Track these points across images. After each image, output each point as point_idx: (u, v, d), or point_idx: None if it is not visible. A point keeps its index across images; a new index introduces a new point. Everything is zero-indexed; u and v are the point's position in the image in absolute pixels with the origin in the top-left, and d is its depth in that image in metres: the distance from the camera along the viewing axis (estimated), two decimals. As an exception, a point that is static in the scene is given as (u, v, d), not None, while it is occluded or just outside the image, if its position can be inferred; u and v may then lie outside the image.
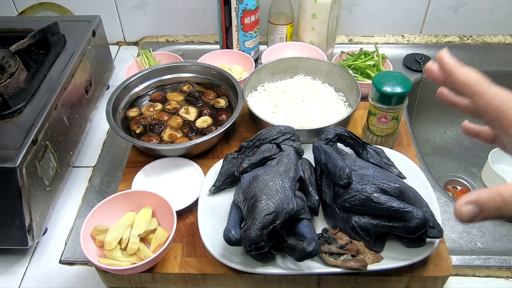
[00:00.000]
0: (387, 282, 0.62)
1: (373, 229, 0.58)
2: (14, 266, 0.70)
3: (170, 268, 0.63)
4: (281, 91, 0.90)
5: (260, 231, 0.53)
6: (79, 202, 0.79)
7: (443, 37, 1.16)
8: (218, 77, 0.90)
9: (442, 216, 0.66)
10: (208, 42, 1.18)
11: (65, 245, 0.73)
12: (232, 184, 0.69)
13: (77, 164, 0.86)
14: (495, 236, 0.72)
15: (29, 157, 0.66)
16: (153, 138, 0.79)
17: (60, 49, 0.87)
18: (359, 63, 0.98)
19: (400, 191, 0.59)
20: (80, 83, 0.87)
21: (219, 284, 0.64)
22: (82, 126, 0.87)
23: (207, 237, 0.61)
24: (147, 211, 0.66)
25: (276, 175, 0.60)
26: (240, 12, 0.97)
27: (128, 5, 1.14)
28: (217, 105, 0.87)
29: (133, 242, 0.62)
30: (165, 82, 0.92)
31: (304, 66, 0.93)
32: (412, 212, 0.55)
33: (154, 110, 0.86)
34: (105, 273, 0.64)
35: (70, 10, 1.14)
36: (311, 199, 0.61)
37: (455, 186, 1.00)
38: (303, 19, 1.02)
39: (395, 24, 1.14)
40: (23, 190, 0.64)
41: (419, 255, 0.58)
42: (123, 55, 1.17)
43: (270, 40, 1.09)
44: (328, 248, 0.58)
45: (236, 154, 0.72)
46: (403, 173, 0.69)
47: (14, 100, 0.74)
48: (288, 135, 0.70)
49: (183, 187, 0.74)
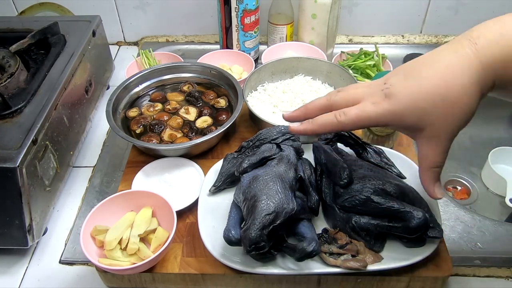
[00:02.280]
0: (387, 282, 0.62)
1: (373, 229, 0.58)
2: (14, 266, 0.70)
3: (170, 268, 0.63)
4: (281, 91, 0.90)
5: (260, 231, 0.53)
6: (79, 202, 0.79)
7: (443, 37, 1.16)
8: (218, 77, 0.90)
9: (442, 216, 0.66)
10: (208, 42, 1.18)
11: (65, 245, 0.73)
12: (232, 184, 0.69)
13: (77, 164, 0.86)
14: (495, 236, 0.72)
15: (29, 157, 0.66)
16: (153, 138, 0.79)
17: (60, 49, 0.87)
18: (359, 63, 0.98)
19: (400, 191, 0.59)
20: (80, 83, 0.87)
21: (219, 284, 0.64)
22: (82, 126, 0.87)
23: (207, 237, 0.61)
24: (147, 211, 0.66)
25: (276, 175, 0.60)
26: (240, 12, 0.97)
27: (128, 5, 1.14)
28: (217, 105, 0.87)
29: (133, 242, 0.62)
30: (165, 82, 0.92)
31: (304, 66, 0.93)
32: (412, 212, 0.55)
33: (154, 110, 0.86)
34: (105, 273, 0.64)
35: (70, 10, 1.14)
36: (311, 199, 0.61)
37: (455, 186, 1.00)
38: (303, 19, 1.02)
39: (395, 24, 1.14)
40: (23, 190, 0.64)
41: (419, 255, 0.58)
42: (123, 55, 1.17)
43: (270, 40, 1.09)
44: (328, 248, 0.58)
45: (236, 154, 0.72)
46: (403, 173, 0.69)
47: (14, 100, 0.74)
48: (288, 135, 0.70)
49: (183, 187, 0.74)
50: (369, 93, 0.51)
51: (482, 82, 0.46)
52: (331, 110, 0.53)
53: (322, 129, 0.53)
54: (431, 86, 0.47)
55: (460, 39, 0.48)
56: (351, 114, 0.50)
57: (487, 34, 0.46)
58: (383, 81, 0.51)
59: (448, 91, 0.46)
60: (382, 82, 0.51)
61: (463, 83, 0.46)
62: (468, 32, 0.48)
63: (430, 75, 0.47)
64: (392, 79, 0.50)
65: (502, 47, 0.45)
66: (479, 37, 0.46)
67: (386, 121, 0.49)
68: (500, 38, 0.45)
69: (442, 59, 0.47)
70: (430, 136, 0.48)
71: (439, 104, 0.46)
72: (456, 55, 0.46)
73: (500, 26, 0.46)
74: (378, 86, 0.50)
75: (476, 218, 0.75)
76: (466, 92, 0.46)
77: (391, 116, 0.49)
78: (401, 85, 0.48)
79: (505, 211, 0.91)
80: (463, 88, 0.46)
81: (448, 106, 0.46)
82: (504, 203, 0.89)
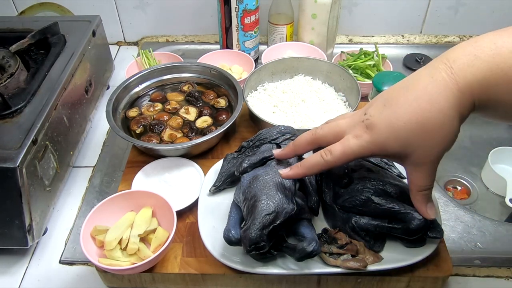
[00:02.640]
0: (387, 282, 0.62)
1: (373, 229, 0.58)
2: (14, 266, 0.70)
3: (170, 268, 0.63)
4: (281, 91, 0.90)
5: (260, 231, 0.53)
6: (79, 202, 0.79)
7: (443, 37, 1.16)
8: (218, 77, 0.90)
9: (442, 216, 0.66)
10: (208, 42, 1.18)
11: (65, 245, 0.73)
12: (232, 184, 0.69)
13: (77, 164, 0.86)
14: (495, 236, 0.72)
15: (29, 157, 0.66)
16: (153, 138, 0.79)
17: (60, 49, 0.87)
18: (359, 63, 0.98)
19: (401, 191, 0.59)
20: (80, 83, 0.87)
21: (219, 284, 0.64)
22: (82, 126, 0.87)
23: (207, 237, 0.61)
24: (147, 211, 0.66)
25: (276, 175, 0.59)
26: (240, 12, 0.97)
27: (128, 5, 1.14)
28: (217, 105, 0.87)
29: (133, 242, 0.62)
30: (165, 82, 0.92)
31: (304, 66, 0.93)
32: (413, 214, 0.55)
33: (154, 110, 0.86)
34: (105, 273, 0.64)
35: (70, 10, 1.14)
36: (311, 199, 0.61)
37: (455, 186, 1.00)
38: (303, 19, 1.02)
39: (395, 24, 1.14)
40: (23, 190, 0.64)
41: (419, 255, 0.58)
42: (123, 55, 1.17)
43: (270, 40, 1.09)
44: (328, 248, 0.58)
45: (236, 154, 0.72)
46: (403, 173, 0.69)
47: (14, 100, 0.74)
48: (288, 135, 0.70)
49: (183, 187, 0.74)
50: (351, 125, 0.51)
51: (461, 104, 0.46)
52: (318, 145, 0.55)
53: (311, 171, 0.55)
54: (409, 113, 0.47)
55: (436, 63, 0.47)
56: (336, 152, 0.51)
57: (462, 57, 0.45)
58: (364, 111, 0.51)
59: (426, 117, 0.46)
60: (362, 112, 0.51)
61: (441, 108, 0.45)
62: (444, 55, 0.47)
63: (407, 103, 0.47)
64: (371, 110, 0.50)
65: (478, 68, 0.44)
66: (455, 60, 0.46)
67: (371, 152, 0.50)
68: (475, 60, 0.45)
69: (419, 85, 0.47)
70: (416, 162, 0.49)
71: (418, 132, 0.47)
72: (432, 80, 0.46)
73: (475, 47, 0.45)
74: (359, 117, 0.51)
75: (476, 218, 0.75)
76: (445, 116, 0.46)
77: (374, 147, 0.49)
78: (380, 116, 0.49)
79: (505, 211, 0.91)
80: (441, 113, 0.45)
81: (428, 133, 0.46)
82: (504, 203, 0.89)
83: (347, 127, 0.52)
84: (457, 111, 0.46)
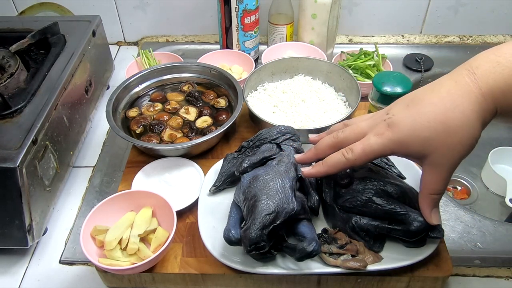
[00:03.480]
0: (387, 282, 0.62)
1: (373, 230, 0.58)
2: (14, 266, 0.70)
3: (170, 268, 0.63)
4: (281, 91, 0.90)
5: (260, 231, 0.53)
6: (79, 202, 0.79)
7: (443, 37, 1.16)
8: (218, 77, 0.90)
9: (442, 216, 0.66)
10: (208, 42, 1.18)
11: (65, 245, 0.73)
12: (232, 184, 0.69)
13: (77, 164, 0.86)
14: (495, 236, 0.72)
15: (29, 157, 0.66)
16: (153, 138, 0.79)
17: (60, 49, 0.87)
18: (359, 63, 0.98)
19: (401, 192, 0.59)
20: (80, 83, 0.87)
21: (219, 284, 0.64)
22: (82, 126, 0.87)
23: (207, 237, 0.61)
24: (147, 211, 0.66)
25: (276, 175, 0.59)
26: (240, 12, 0.97)
27: (128, 5, 1.14)
28: (217, 105, 0.87)
29: (133, 242, 0.62)
30: (165, 82, 0.92)
31: (304, 66, 0.93)
32: (413, 216, 0.55)
33: (154, 110, 0.86)
34: (105, 273, 0.64)
35: (70, 10, 1.14)
36: (311, 199, 0.61)
37: (455, 186, 1.00)
38: (303, 19, 1.02)
39: (395, 24, 1.14)
40: (23, 190, 0.64)
41: (419, 255, 0.58)
42: (123, 55, 1.17)
43: (270, 40, 1.09)
44: (328, 248, 0.58)
45: (236, 154, 0.72)
46: (403, 174, 0.69)
47: (14, 100, 0.74)
48: (288, 135, 0.70)
49: (183, 187, 0.74)
50: (373, 125, 0.52)
51: (483, 110, 0.47)
52: (340, 147, 0.54)
53: (333, 169, 0.55)
54: (432, 112, 0.48)
55: (460, 69, 0.49)
56: (357, 150, 0.51)
57: (485, 64, 0.47)
58: (386, 111, 0.52)
59: (449, 117, 0.47)
60: (384, 112, 0.52)
61: (463, 110, 0.47)
62: (467, 62, 0.49)
63: (431, 102, 0.48)
64: (394, 109, 0.51)
65: (500, 74, 0.46)
66: (478, 67, 0.47)
67: (391, 150, 0.51)
68: (497, 66, 0.46)
69: (443, 88, 0.49)
70: (434, 163, 0.50)
71: (440, 132, 0.47)
72: (456, 84, 0.48)
73: (497, 54, 0.47)
74: (381, 116, 0.52)
75: (476, 218, 0.75)
76: (467, 119, 0.47)
77: (395, 145, 0.50)
78: (403, 114, 0.49)
79: (505, 211, 0.91)
80: (463, 115, 0.47)
81: (450, 133, 0.47)
82: (504, 203, 0.89)
83: (368, 127, 0.52)
84: (479, 115, 0.47)
